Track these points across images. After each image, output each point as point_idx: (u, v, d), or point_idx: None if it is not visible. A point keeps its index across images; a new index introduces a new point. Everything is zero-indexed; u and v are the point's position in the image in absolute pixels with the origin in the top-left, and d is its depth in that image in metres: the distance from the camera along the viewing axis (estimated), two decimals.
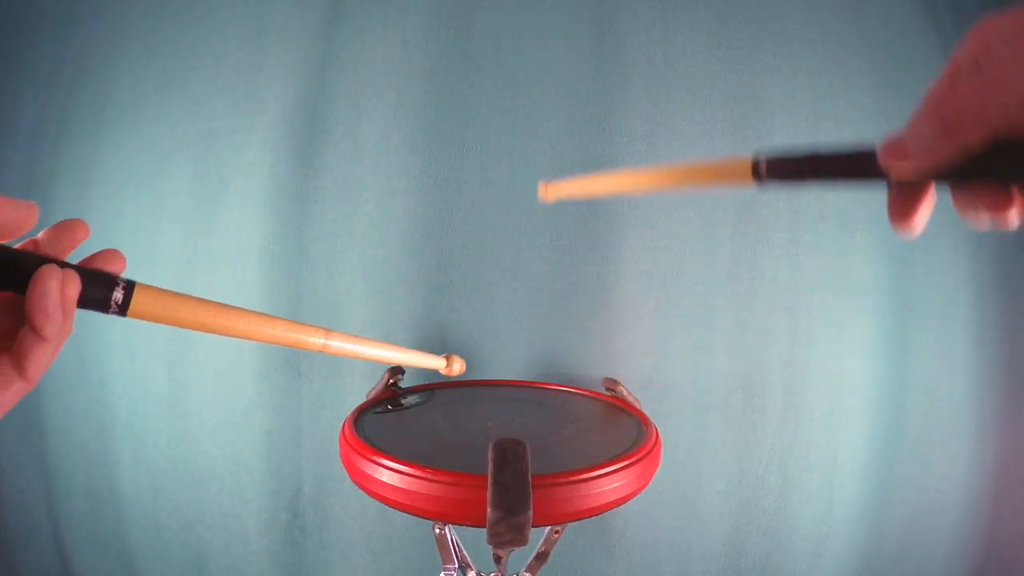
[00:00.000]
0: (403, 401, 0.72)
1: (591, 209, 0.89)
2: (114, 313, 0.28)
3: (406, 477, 0.48)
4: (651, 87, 0.89)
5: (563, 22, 0.89)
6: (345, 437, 0.56)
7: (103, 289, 0.28)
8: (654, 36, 0.89)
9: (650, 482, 0.54)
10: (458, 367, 0.56)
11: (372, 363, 0.89)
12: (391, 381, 0.75)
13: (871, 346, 0.91)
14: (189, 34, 0.94)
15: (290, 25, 0.91)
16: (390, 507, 0.50)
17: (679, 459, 0.89)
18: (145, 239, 0.94)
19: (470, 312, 0.90)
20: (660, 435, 0.60)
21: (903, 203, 0.27)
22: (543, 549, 0.66)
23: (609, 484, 0.49)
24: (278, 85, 0.91)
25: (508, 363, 0.89)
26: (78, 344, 0.96)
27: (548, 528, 0.66)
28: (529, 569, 0.65)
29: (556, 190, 0.48)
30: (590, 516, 0.49)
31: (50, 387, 0.98)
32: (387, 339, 0.90)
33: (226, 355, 0.92)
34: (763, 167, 0.30)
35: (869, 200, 0.91)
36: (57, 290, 0.25)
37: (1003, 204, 0.23)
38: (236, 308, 0.33)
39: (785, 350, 0.90)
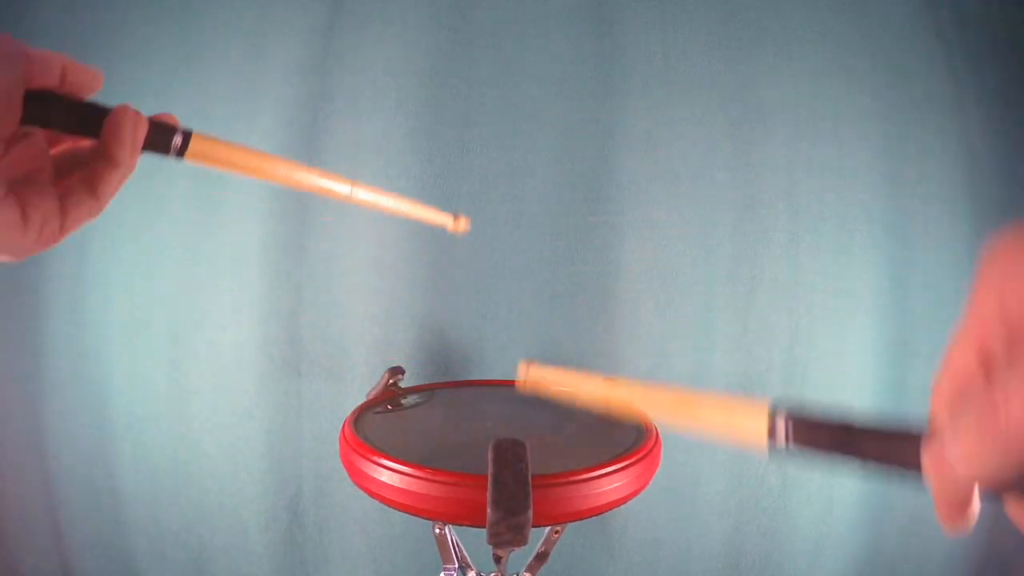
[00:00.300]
0: (403, 401, 0.72)
1: (591, 209, 0.89)
2: (174, 155, 0.33)
3: (406, 477, 0.48)
4: (651, 87, 0.89)
5: (563, 22, 0.89)
6: (345, 437, 0.56)
7: (166, 135, 0.32)
8: (654, 36, 0.89)
9: (650, 482, 0.54)
10: (464, 224, 0.55)
11: (372, 364, 0.89)
12: (391, 381, 0.75)
13: (871, 346, 0.91)
14: (189, 33, 0.94)
15: (290, 25, 0.91)
16: (390, 507, 0.50)
17: (679, 459, 0.89)
18: (145, 239, 0.94)
19: (470, 312, 0.90)
20: (660, 435, 0.60)
21: (952, 501, 0.23)
22: (543, 549, 0.66)
23: (609, 484, 0.49)
24: (279, 84, 0.91)
25: (508, 363, 0.89)
26: (78, 344, 0.96)
27: (548, 528, 0.66)
28: (529, 569, 0.65)
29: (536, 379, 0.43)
30: (590, 516, 0.49)
31: (50, 387, 0.98)
32: (387, 340, 0.90)
33: (226, 355, 0.92)
34: (780, 433, 0.24)
35: (869, 200, 0.91)
36: (131, 123, 0.30)
37: None
38: (278, 157, 0.39)
39: (785, 350, 0.90)
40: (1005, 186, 0.94)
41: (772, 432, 0.25)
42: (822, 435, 0.24)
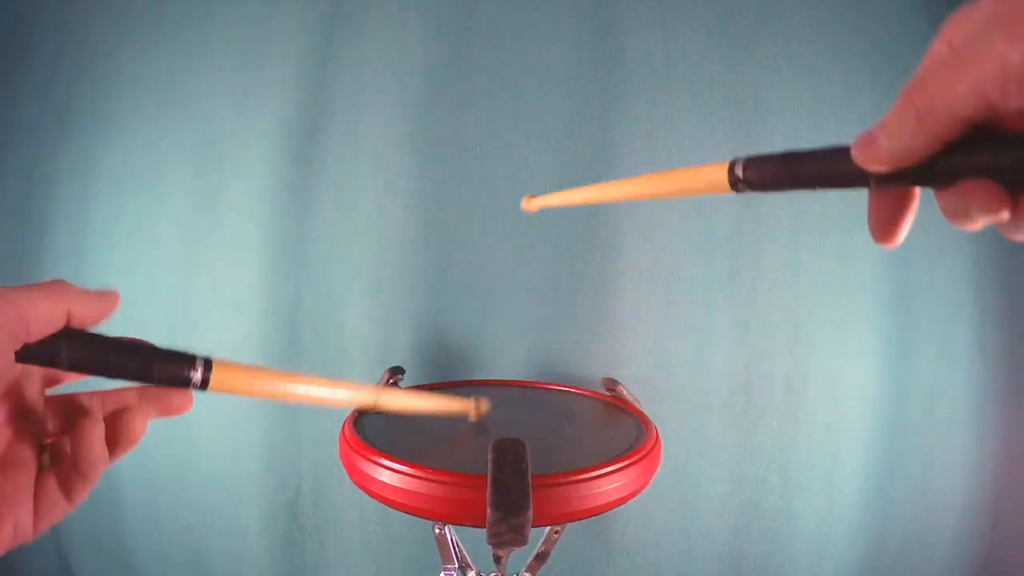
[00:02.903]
0: None
1: (591, 209, 0.89)
2: (193, 389, 0.30)
3: (406, 477, 0.48)
4: (651, 87, 0.89)
5: (563, 22, 0.89)
6: (345, 437, 0.56)
7: (183, 369, 0.29)
8: (654, 36, 0.89)
9: (650, 482, 0.54)
10: (484, 407, 0.59)
11: (371, 363, 0.89)
12: (391, 381, 0.75)
13: (872, 346, 0.91)
14: (189, 33, 0.94)
15: (290, 25, 0.91)
16: (390, 507, 0.49)
17: (679, 459, 0.89)
18: (145, 239, 0.94)
19: (470, 312, 0.89)
20: (660, 435, 0.60)
21: (884, 212, 0.25)
22: (543, 549, 0.66)
23: (609, 484, 0.49)
24: (278, 85, 0.91)
25: (508, 363, 0.89)
26: None
27: (548, 528, 0.66)
28: (529, 569, 0.65)
29: (539, 202, 0.51)
30: (590, 516, 0.48)
31: None
32: (387, 339, 0.90)
33: (225, 355, 0.92)
34: (739, 172, 0.29)
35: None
36: (99, 443, 0.26)
37: (994, 202, 0.21)
38: (303, 376, 0.36)
39: (786, 350, 0.90)
40: None
41: (732, 176, 0.29)
42: (771, 167, 0.28)
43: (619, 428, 0.63)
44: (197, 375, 0.29)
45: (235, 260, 0.91)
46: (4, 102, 1.00)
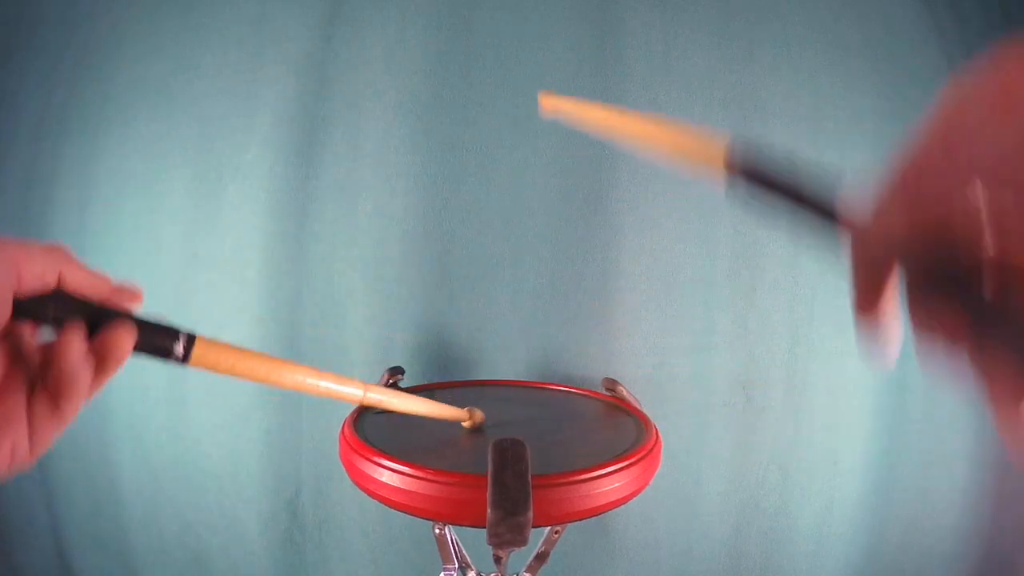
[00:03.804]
0: None
1: (591, 209, 0.89)
2: (176, 362, 0.31)
3: (406, 477, 0.48)
4: (651, 87, 0.89)
5: (563, 22, 0.89)
6: (345, 437, 0.56)
7: (167, 340, 0.31)
8: (654, 36, 0.89)
9: (650, 482, 0.54)
10: (478, 417, 0.59)
11: (371, 363, 0.89)
12: (391, 381, 0.75)
13: None
14: (189, 34, 0.94)
15: (290, 25, 0.91)
16: (390, 507, 0.50)
17: (679, 459, 0.89)
18: (145, 239, 0.94)
19: (470, 312, 0.89)
20: (660, 435, 0.60)
21: (867, 285, 0.23)
22: (543, 549, 0.66)
23: (609, 484, 0.49)
24: (278, 85, 0.91)
25: (508, 363, 0.89)
26: None
27: (548, 528, 0.66)
28: (529, 569, 0.65)
29: (555, 104, 0.51)
30: (590, 516, 0.49)
31: None
32: (386, 339, 0.90)
33: None
34: (736, 163, 0.27)
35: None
36: (78, 354, 0.27)
37: (950, 329, 0.20)
38: (288, 363, 0.37)
39: (786, 350, 0.90)
40: None
41: (729, 164, 0.27)
42: (767, 178, 0.26)
43: (619, 428, 0.63)
44: (179, 348, 0.31)
45: (235, 260, 0.91)
46: (4, 102, 1.00)
